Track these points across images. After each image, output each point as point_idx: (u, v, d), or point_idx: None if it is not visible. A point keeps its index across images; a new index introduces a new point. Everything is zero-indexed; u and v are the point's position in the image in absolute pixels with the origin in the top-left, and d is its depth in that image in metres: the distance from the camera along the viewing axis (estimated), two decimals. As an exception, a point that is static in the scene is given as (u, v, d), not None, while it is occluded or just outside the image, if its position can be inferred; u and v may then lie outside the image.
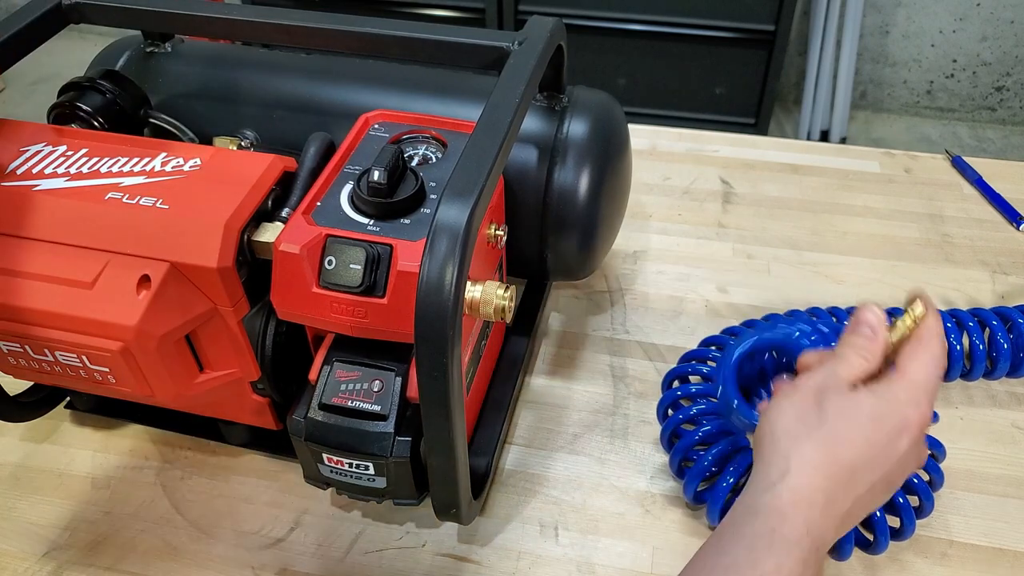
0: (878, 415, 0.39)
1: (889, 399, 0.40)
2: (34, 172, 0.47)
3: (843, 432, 0.39)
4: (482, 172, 0.39)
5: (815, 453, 0.38)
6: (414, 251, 0.43)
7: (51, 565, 0.53)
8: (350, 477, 0.47)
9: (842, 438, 0.38)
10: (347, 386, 0.45)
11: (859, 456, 0.38)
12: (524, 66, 0.47)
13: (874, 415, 0.39)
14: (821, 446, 0.38)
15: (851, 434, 0.39)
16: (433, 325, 0.36)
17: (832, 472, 0.38)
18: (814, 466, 0.38)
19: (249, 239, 0.45)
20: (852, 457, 0.38)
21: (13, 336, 0.45)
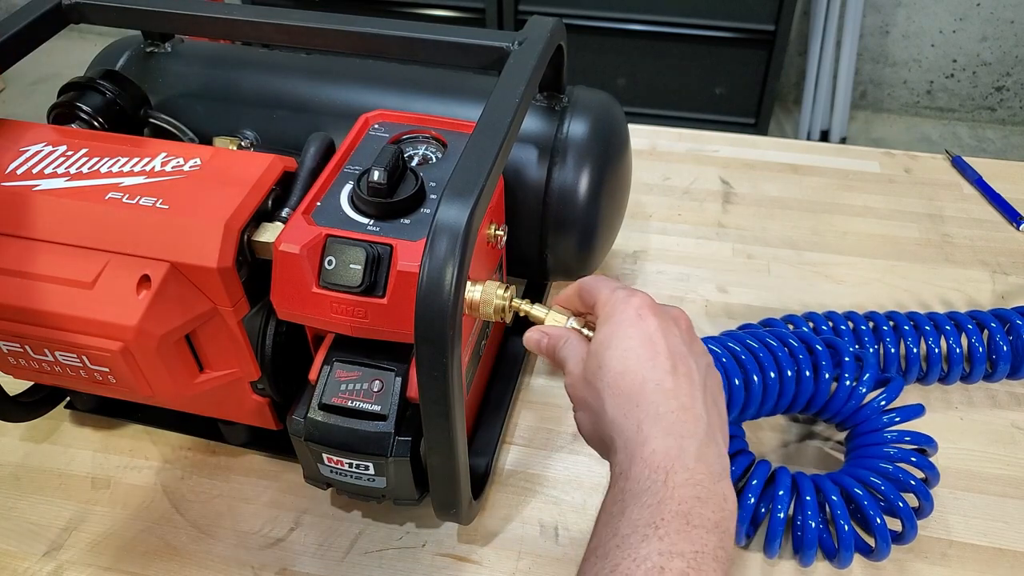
0: (614, 341, 0.40)
1: (606, 330, 0.41)
2: (34, 172, 0.47)
3: (614, 378, 0.39)
4: (482, 172, 0.39)
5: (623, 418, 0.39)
6: (414, 251, 0.43)
7: (51, 565, 0.53)
8: (350, 477, 0.47)
9: (618, 381, 0.39)
10: (347, 386, 0.45)
11: (637, 369, 0.38)
12: (524, 66, 0.47)
13: (614, 344, 0.40)
14: (612, 402, 0.39)
15: (617, 367, 0.39)
16: (433, 325, 0.36)
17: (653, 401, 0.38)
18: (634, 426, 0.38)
19: (249, 239, 0.45)
20: (637, 377, 0.38)
21: (13, 336, 0.45)
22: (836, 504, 0.50)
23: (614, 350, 0.39)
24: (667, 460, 0.36)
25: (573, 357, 0.43)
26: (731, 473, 0.51)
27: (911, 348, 0.60)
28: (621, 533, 0.34)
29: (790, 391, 0.53)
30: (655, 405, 0.37)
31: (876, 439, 0.53)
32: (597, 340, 0.41)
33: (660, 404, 0.37)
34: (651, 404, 0.37)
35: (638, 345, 0.39)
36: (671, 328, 0.41)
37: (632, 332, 0.40)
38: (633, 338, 0.39)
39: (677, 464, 0.35)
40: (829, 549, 0.51)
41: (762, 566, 0.52)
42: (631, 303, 0.41)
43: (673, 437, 0.36)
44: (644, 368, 0.38)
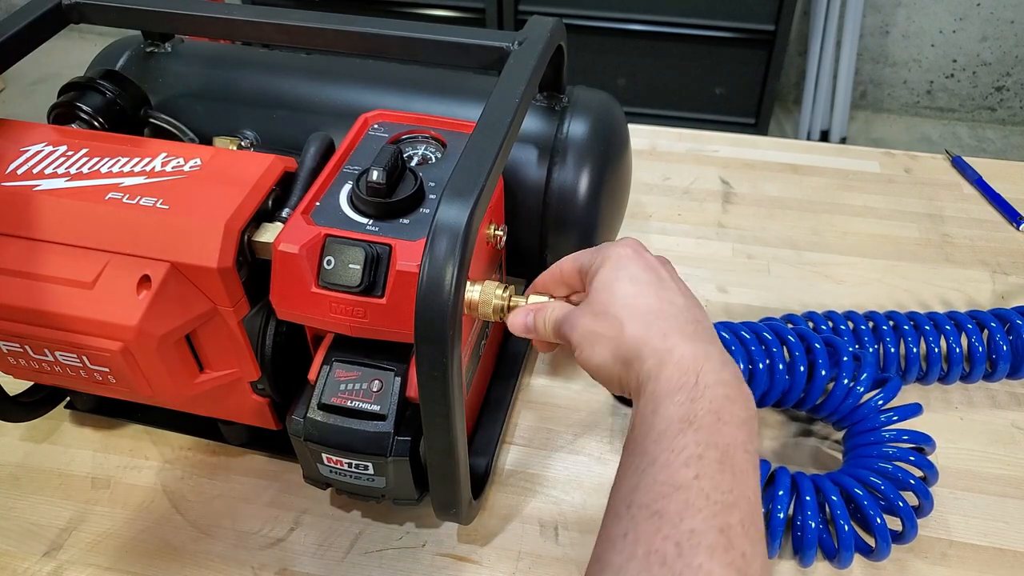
0: (611, 283, 0.42)
1: (612, 262, 0.43)
2: (34, 172, 0.47)
3: (616, 308, 0.41)
4: (482, 172, 0.39)
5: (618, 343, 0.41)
6: (413, 251, 0.43)
7: (51, 565, 0.53)
8: (350, 477, 0.47)
9: (620, 311, 0.41)
10: (346, 386, 0.45)
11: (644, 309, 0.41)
12: (524, 66, 0.47)
13: (613, 286, 0.42)
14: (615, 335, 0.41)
15: (628, 301, 0.41)
16: (433, 325, 0.36)
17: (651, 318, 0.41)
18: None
19: (249, 239, 0.45)
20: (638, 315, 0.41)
21: (13, 336, 0.45)
22: (836, 504, 0.50)
23: (622, 280, 0.42)
24: (696, 362, 0.38)
25: (568, 313, 0.44)
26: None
27: (911, 348, 0.60)
28: (657, 429, 0.36)
29: (781, 384, 0.53)
30: (674, 318, 0.40)
31: (874, 438, 0.53)
32: (600, 278, 0.43)
33: (679, 316, 0.40)
34: (671, 317, 0.40)
35: (642, 272, 0.42)
36: (663, 263, 0.45)
37: (633, 264, 0.43)
38: (638, 266, 0.43)
39: (706, 366, 0.38)
40: (829, 549, 0.51)
41: (762, 566, 0.52)
42: (624, 243, 0.44)
43: (699, 343, 0.39)
44: (655, 289, 0.42)
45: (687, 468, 0.34)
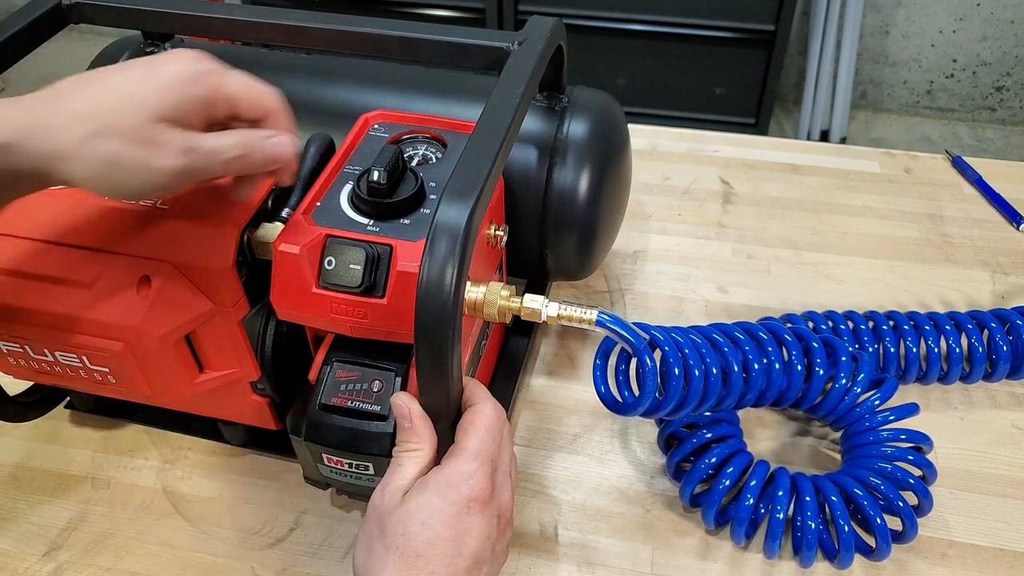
0: (432, 511, 0.38)
1: (441, 489, 0.38)
2: None
3: (404, 545, 0.37)
4: (482, 172, 0.39)
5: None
6: (414, 251, 0.43)
7: (51, 565, 0.53)
8: (350, 477, 0.47)
9: (406, 551, 0.37)
10: (347, 386, 0.45)
11: (429, 557, 0.37)
12: (524, 66, 0.47)
13: (427, 513, 0.38)
14: (396, 573, 0.37)
15: (413, 543, 0.37)
16: (433, 325, 0.36)
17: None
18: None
19: (249, 239, 0.45)
20: (428, 564, 0.37)
21: (13, 336, 0.45)
22: (836, 505, 0.50)
23: (424, 520, 0.38)
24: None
25: (407, 470, 0.40)
26: (730, 473, 0.52)
27: (911, 348, 0.60)
28: None
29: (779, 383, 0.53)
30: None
31: (872, 438, 0.53)
32: (419, 492, 0.39)
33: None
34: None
35: (448, 534, 0.38)
36: (490, 529, 0.39)
37: (447, 516, 0.38)
38: (448, 525, 0.38)
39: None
40: (829, 549, 0.51)
41: (762, 566, 0.52)
42: (469, 487, 0.39)
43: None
44: (443, 559, 0.37)
45: None
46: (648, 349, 0.47)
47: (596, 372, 0.52)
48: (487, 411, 0.42)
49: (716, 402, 0.50)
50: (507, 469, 0.42)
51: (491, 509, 0.40)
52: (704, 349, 0.49)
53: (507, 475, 0.42)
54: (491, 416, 0.41)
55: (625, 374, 0.52)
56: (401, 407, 0.41)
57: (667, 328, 0.50)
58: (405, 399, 0.41)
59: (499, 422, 0.42)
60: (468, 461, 0.39)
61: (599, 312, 0.44)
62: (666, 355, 0.48)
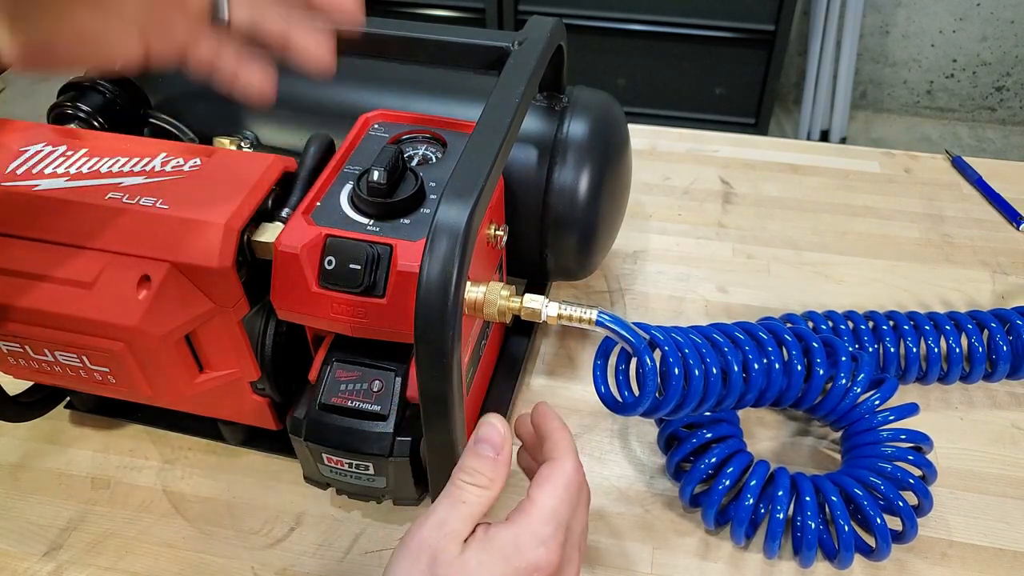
0: (492, 574, 0.34)
1: (507, 550, 0.34)
2: (34, 172, 0.47)
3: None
4: (482, 172, 0.39)
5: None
6: (414, 251, 0.43)
7: (51, 565, 0.53)
8: (350, 477, 0.47)
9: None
10: (347, 386, 0.45)
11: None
12: (524, 66, 0.47)
13: (488, 575, 0.34)
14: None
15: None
16: (433, 325, 0.36)
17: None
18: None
19: (249, 239, 0.45)
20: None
21: (13, 336, 0.45)
22: (836, 505, 0.50)
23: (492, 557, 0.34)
24: None
25: (471, 508, 0.35)
26: (730, 473, 0.52)
27: (911, 348, 0.60)
28: None
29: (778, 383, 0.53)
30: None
31: (872, 438, 0.53)
32: (482, 547, 0.35)
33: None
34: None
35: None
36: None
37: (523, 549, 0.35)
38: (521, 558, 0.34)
39: None
40: (829, 549, 0.51)
41: (762, 566, 0.52)
42: (538, 556, 0.35)
43: None
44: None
45: None
46: (648, 349, 0.47)
47: (596, 372, 0.52)
48: (568, 468, 0.37)
49: (716, 402, 0.50)
50: (576, 541, 0.38)
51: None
52: (704, 349, 0.49)
53: (576, 547, 0.38)
54: (572, 474, 0.37)
55: (625, 374, 0.52)
56: (494, 431, 0.36)
57: (667, 328, 0.50)
58: (500, 425, 0.36)
59: (580, 482, 0.38)
60: (543, 524, 0.35)
61: (599, 312, 0.44)
62: (666, 355, 0.48)
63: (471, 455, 0.36)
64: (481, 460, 0.36)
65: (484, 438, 0.36)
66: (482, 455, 0.36)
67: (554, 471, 0.37)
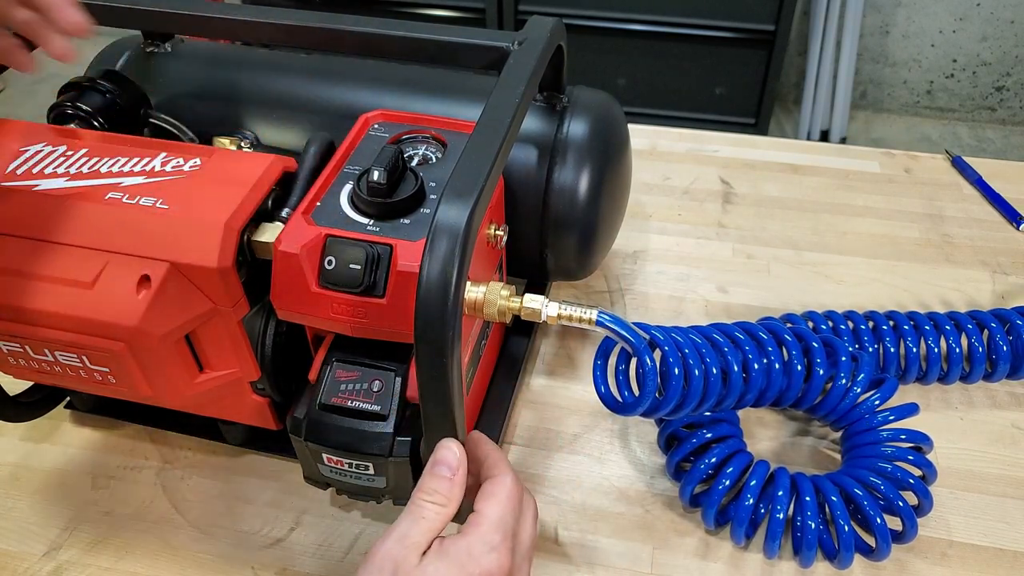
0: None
1: (462, 559, 0.37)
2: (34, 172, 0.47)
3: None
4: (482, 172, 0.39)
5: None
6: (414, 251, 0.43)
7: (51, 565, 0.53)
8: (350, 477, 0.47)
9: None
10: (347, 386, 0.45)
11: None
12: (524, 66, 0.47)
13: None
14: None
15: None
16: (433, 325, 0.36)
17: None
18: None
19: (249, 239, 0.45)
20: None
21: (13, 336, 0.45)
22: (836, 504, 0.50)
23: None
24: None
25: (430, 524, 0.38)
26: (730, 473, 0.52)
27: (911, 348, 0.60)
28: None
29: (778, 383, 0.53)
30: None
31: (872, 438, 0.53)
32: (439, 557, 0.37)
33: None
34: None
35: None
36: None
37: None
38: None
39: None
40: (829, 549, 0.51)
41: (762, 567, 0.52)
42: (489, 561, 0.37)
43: None
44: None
45: None
46: (648, 349, 0.47)
47: (596, 372, 0.52)
48: (508, 482, 0.40)
49: (716, 402, 0.50)
50: (525, 549, 0.41)
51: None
52: (704, 349, 0.49)
53: (524, 557, 0.41)
54: (512, 487, 0.40)
55: (625, 374, 0.52)
56: (450, 454, 0.38)
57: (667, 328, 0.50)
58: (456, 448, 0.39)
59: (520, 493, 0.41)
60: (492, 532, 0.38)
61: (599, 312, 0.44)
62: (666, 355, 0.48)
63: (429, 476, 0.39)
64: (438, 480, 0.38)
65: (441, 460, 0.39)
66: (439, 476, 0.38)
67: (496, 485, 0.40)
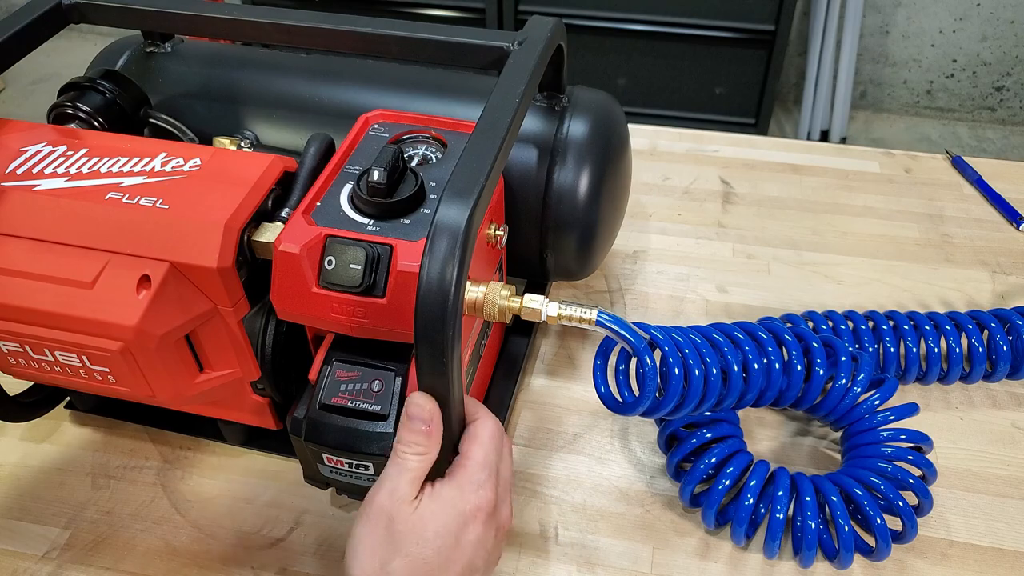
0: (443, 520, 0.39)
1: (453, 498, 0.40)
2: (34, 172, 0.47)
3: (417, 553, 0.38)
4: (482, 172, 0.39)
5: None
6: (414, 251, 0.43)
7: (51, 565, 0.53)
8: (350, 477, 0.47)
9: (417, 559, 0.38)
10: (347, 386, 0.45)
11: (437, 566, 0.39)
12: (524, 66, 0.47)
13: (440, 522, 0.39)
14: (398, 573, 0.38)
15: (425, 552, 0.39)
16: (433, 325, 0.36)
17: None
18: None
19: (249, 239, 0.45)
20: (428, 570, 0.39)
21: (13, 336, 0.45)
22: (836, 505, 0.50)
23: (437, 528, 0.39)
24: None
25: (415, 472, 0.40)
26: (730, 473, 0.52)
27: (911, 348, 0.60)
28: None
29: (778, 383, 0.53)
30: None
31: (872, 438, 0.53)
32: (432, 499, 0.40)
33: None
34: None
35: (453, 542, 0.39)
36: (488, 539, 0.41)
37: (455, 526, 0.40)
38: (455, 534, 0.39)
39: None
40: (829, 549, 0.51)
41: (762, 567, 0.52)
42: (478, 497, 0.40)
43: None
44: (447, 564, 0.39)
45: None
46: (648, 349, 0.47)
47: (596, 372, 0.52)
48: (488, 424, 0.43)
49: (716, 402, 0.50)
50: (507, 484, 0.44)
51: (493, 520, 0.41)
52: (704, 349, 0.49)
53: (507, 490, 0.44)
54: (493, 428, 0.43)
55: (625, 374, 0.52)
56: (421, 409, 0.40)
57: (667, 328, 0.50)
58: (426, 402, 0.40)
59: (500, 434, 0.43)
60: (478, 471, 0.41)
61: (599, 312, 0.44)
62: (666, 355, 0.48)
63: (406, 431, 0.40)
64: (415, 434, 0.40)
65: (415, 415, 0.40)
66: (416, 430, 0.40)
67: (478, 429, 0.43)
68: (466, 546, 0.40)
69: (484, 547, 0.41)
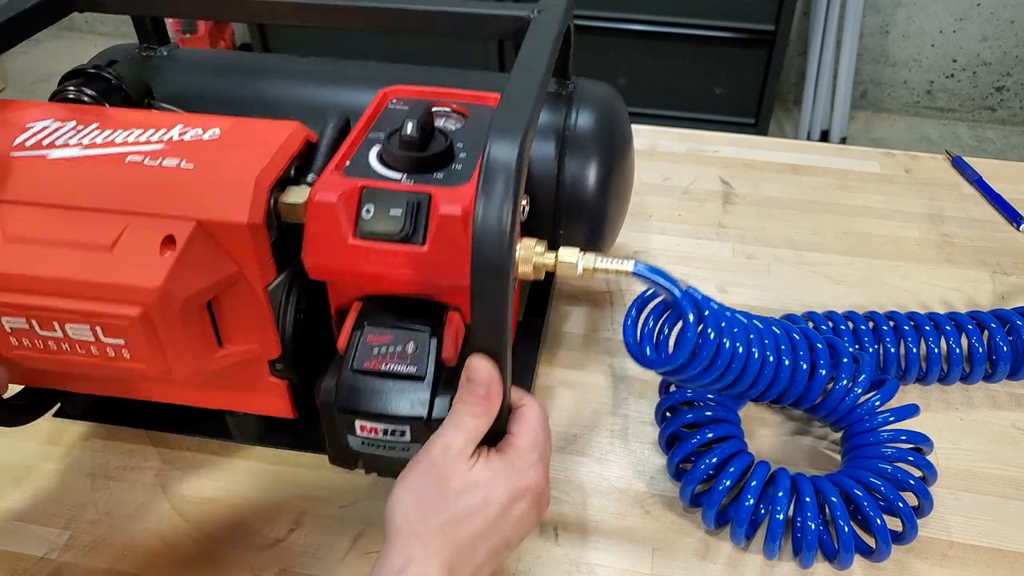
0: (496, 491, 0.40)
1: (507, 472, 0.40)
2: (44, 144, 0.44)
3: (464, 514, 0.39)
4: (526, 108, 0.38)
5: (436, 540, 0.38)
6: (454, 196, 0.42)
7: (51, 566, 0.53)
8: (383, 447, 0.45)
9: (463, 519, 0.39)
10: (380, 349, 0.44)
11: (479, 532, 0.39)
12: (548, 28, 0.46)
13: (492, 491, 0.40)
14: (442, 534, 0.38)
15: (472, 515, 0.39)
16: (491, 267, 0.35)
17: (452, 552, 0.38)
18: (435, 552, 0.38)
19: (276, 201, 0.44)
20: (472, 534, 0.39)
21: (21, 309, 0.42)
22: (836, 505, 0.50)
23: (487, 496, 0.39)
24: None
25: (472, 433, 0.40)
26: (730, 473, 0.52)
27: (911, 348, 0.60)
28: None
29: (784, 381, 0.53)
30: (468, 556, 0.39)
31: (872, 439, 0.53)
32: (486, 467, 0.40)
33: (467, 562, 0.39)
34: (465, 555, 0.39)
35: (499, 514, 0.40)
36: (531, 521, 0.42)
37: (506, 499, 0.40)
38: (504, 506, 0.40)
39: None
40: (829, 550, 0.51)
41: (762, 567, 0.52)
42: (529, 477, 0.41)
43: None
44: (488, 533, 0.40)
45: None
46: (691, 304, 0.46)
47: (627, 321, 0.51)
48: (536, 408, 0.44)
49: (732, 382, 0.49)
50: (548, 474, 0.44)
51: (537, 504, 0.42)
52: (737, 327, 0.49)
53: (547, 479, 0.44)
54: (541, 413, 0.44)
55: (652, 331, 0.51)
56: (484, 373, 0.40)
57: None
58: (490, 367, 0.40)
59: (546, 420, 0.44)
60: (529, 452, 0.41)
61: (636, 263, 0.43)
62: (707, 319, 0.47)
63: (466, 391, 0.40)
64: (475, 396, 0.40)
65: (475, 379, 0.40)
66: (475, 392, 0.40)
67: (526, 413, 0.43)
68: (510, 520, 0.40)
69: (524, 527, 0.41)
